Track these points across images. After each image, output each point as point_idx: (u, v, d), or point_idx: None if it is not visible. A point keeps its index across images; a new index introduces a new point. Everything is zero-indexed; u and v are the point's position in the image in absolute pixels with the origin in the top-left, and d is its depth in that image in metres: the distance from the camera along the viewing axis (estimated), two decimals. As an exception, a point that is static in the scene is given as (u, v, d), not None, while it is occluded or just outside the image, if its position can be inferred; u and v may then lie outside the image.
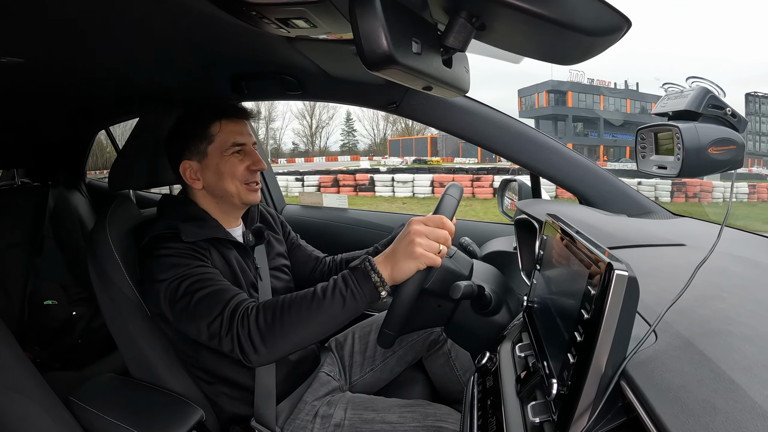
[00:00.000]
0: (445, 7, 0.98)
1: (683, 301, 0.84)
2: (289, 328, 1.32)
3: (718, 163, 1.06)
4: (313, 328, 1.33)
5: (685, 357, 0.78)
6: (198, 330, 1.39)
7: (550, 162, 1.95)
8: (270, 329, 1.31)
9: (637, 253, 1.38)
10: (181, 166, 1.64)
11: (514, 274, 1.88)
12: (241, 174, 1.63)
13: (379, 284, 1.32)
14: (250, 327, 1.32)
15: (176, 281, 1.42)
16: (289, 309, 1.32)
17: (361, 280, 1.32)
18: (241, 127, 1.66)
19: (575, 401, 0.79)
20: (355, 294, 1.31)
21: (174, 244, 1.48)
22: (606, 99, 57.51)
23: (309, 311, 1.32)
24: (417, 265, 1.32)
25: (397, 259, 1.32)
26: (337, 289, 1.32)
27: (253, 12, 1.18)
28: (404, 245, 1.32)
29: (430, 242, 1.32)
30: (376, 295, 1.32)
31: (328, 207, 3.18)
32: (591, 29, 0.87)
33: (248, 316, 1.33)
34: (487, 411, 1.19)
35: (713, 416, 0.63)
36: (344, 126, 71.17)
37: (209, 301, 1.38)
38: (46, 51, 1.45)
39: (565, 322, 0.94)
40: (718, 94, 1.09)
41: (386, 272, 1.33)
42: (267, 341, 1.31)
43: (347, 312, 1.33)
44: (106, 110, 2.85)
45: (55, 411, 1.38)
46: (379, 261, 1.34)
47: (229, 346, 1.34)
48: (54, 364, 2.80)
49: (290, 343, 1.34)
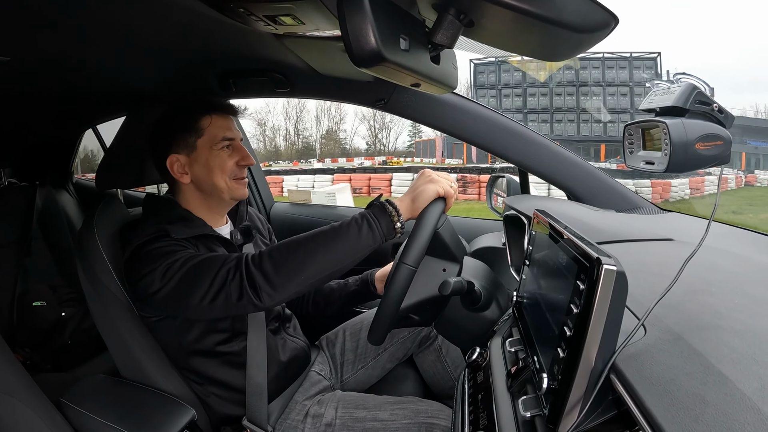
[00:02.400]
0: (434, 3, 0.99)
1: (672, 295, 0.85)
2: (304, 259, 1.33)
3: (705, 158, 1.07)
4: (328, 259, 1.34)
5: (675, 350, 0.79)
6: (202, 292, 1.36)
7: (539, 158, 1.95)
8: (284, 260, 1.32)
9: (625, 248, 1.39)
10: (169, 160, 1.61)
11: (504, 270, 1.88)
12: (230, 169, 1.62)
13: (395, 215, 1.36)
14: (264, 261, 1.33)
15: (171, 262, 1.40)
16: (305, 241, 1.35)
17: (378, 212, 1.37)
18: (230, 122, 1.65)
19: (566, 395, 0.80)
20: (372, 225, 1.35)
21: (163, 242, 1.46)
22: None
23: (325, 241, 1.34)
24: (437, 189, 1.40)
25: (417, 187, 1.41)
26: (353, 221, 1.35)
27: (240, 9, 1.18)
28: (422, 178, 1.43)
29: (444, 180, 1.41)
30: (391, 227, 1.37)
31: (317, 204, 3.18)
32: (579, 26, 0.88)
33: (259, 253, 1.35)
34: (479, 406, 1.19)
35: (703, 408, 0.64)
36: (410, 127, 71.19)
37: (210, 259, 1.39)
38: (32, 49, 1.44)
39: (554, 316, 0.95)
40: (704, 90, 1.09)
41: (404, 204, 1.39)
42: (281, 272, 1.31)
43: (363, 244, 1.35)
44: (93, 108, 2.83)
45: (46, 413, 1.37)
46: (396, 199, 1.41)
47: (237, 291, 1.33)
48: (44, 365, 2.79)
49: (305, 275, 1.33)
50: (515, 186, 2.22)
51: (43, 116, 2.74)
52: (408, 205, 1.39)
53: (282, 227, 3.09)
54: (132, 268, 1.47)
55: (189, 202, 1.66)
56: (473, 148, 28.60)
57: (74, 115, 2.88)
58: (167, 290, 1.40)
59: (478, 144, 2.01)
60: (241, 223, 1.80)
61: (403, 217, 1.38)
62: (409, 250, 1.36)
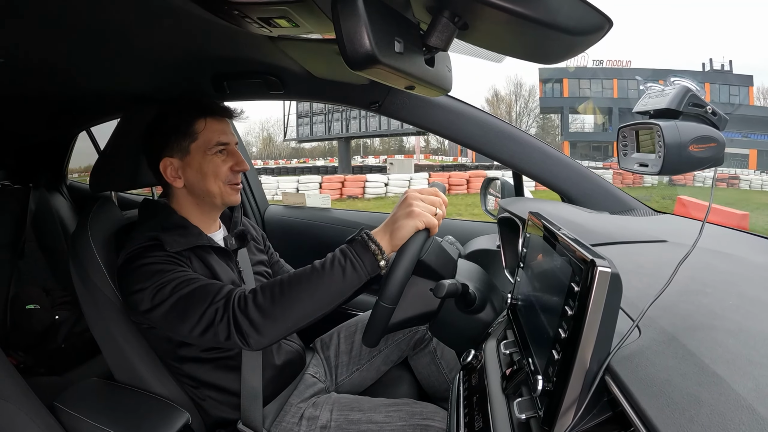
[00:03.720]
0: (428, 6, 0.99)
1: (666, 296, 0.85)
2: (290, 305, 1.31)
3: (699, 160, 1.07)
4: (314, 303, 1.33)
5: (669, 351, 0.79)
6: (190, 326, 1.36)
7: (533, 160, 1.96)
8: (270, 307, 1.30)
9: (619, 250, 1.39)
10: (162, 164, 1.60)
11: (498, 272, 1.89)
12: (224, 174, 1.60)
13: (378, 253, 1.33)
14: (249, 307, 1.31)
15: (161, 284, 1.39)
16: (289, 285, 1.32)
17: (360, 250, 1.33)
18: (225, 126, 1.63)
19: (561, 397, 0.80)
20: (354, 265, 1.32)
21: (155, 255, 1.45)
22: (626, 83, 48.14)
23: (309, 286, 1.31)
24: (416, 224, 1.33)
25: (395, 220, 1.34)
26: (336, 261, 1.33)
27: (235, 11, 1.18)
28: (402, 209, 1.35)
29: (427, 205, 1.35)
30: (375, 264, 1.34)
31: (311, 207, 3.18)
32: (573, 29, 0.88)
33: (245, 297, 1.33)
34: (474, 408, 1.19)
35: (698, 409, 0.64)
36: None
37: (200, 292, 1.37)
38: (26, 51, 1.43)
39: (549, 318, 0.95)
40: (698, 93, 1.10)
41: (385, 240, 1.34)
42: (268, 319, 1.30)
43: (348, 285, 1.33)
44: (86, 111, 2.82)
45: (40, 417, 1.36)
46: (376, 231, 1.36)
47: (225, 332, 1.32)
48: (38, 369, 2.78)
49: (291, 320, 1.32)
50: (509, 188, 2.22)
51: (36, 118, 2.73)
52: (387, 242, 1.35)
53: (276, 230, 3.09)
54: (123, 279, 1.48)
55: (182, 207, 1.65)
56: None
57: (68, 117, 2.88)
58: (157, 314, 1.41)
59: (472, 146, 2.02)
60: (235, 228, 1.79)
61: (386, 253, 1.35)
62: (384, 289, 1.35)
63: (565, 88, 48.84)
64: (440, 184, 1.56)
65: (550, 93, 49.67)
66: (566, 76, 47.39)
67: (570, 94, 48.80)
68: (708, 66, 43.56)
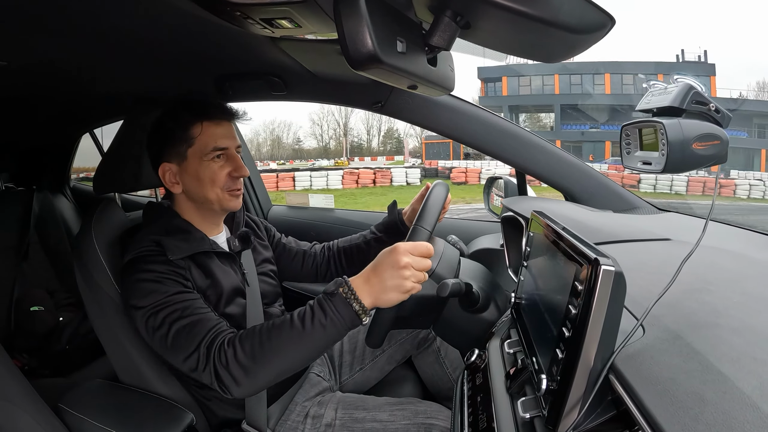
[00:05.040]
0: (430, 6, 0.99)
1: (670, 294, 0.85)
2: (269, 360, 1.30)
3: (702, 158, 1.07)
4: (294, 358, 1.32)
5: (674, 350, 0.79)
6: (176, 362, 1.39)
7: (536, 159, 1.96)
8: (249, 362, 1.29)
9: (623, 249, 1.39)
10: (161, 169, 1.58)
11: (502, 271, 1.88)
12: (222, 181, 1.57)
13: (361, 312, 1.29)
14: (228, 361, 1.30)
15: (154, 310, 1.39)
16: (269, 341, 1.31)
17: (341, 308, 1.29)
18: (223, 129, 1.59)
19: (565, 396, 0.80)
20: (335, 323, 1.29)
21: (155, 266, 1.44)
22: (569, 78, 44.69)
23: (289, 342, 1.30)
24: (403, 297, 1.30)
25: (384, 289, 1.29)
26: (316, 319, 1.29)
27: (237, 12, 1.18)
28: (392, 276, 1.28)
29: (418, 273, 1.30)
30: (357, 321, 1.30)
31: (315, 207, 3.18)
32: (575, 27, 0.88)
33: (225, 350, 1.31)
34: (478, 408, 1.19)
35: (702, 407, 0.64)
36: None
37: (186, 334, 1.36)
38: (30, 53, 1.44)
39: (553, 317, 0.95)
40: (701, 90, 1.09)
41: (368, 299, 1.29)
42: (247, 374, 1.29)
43: (327, 340, 1.31)
44: (90, 113, 2.84)
45: (44, 418, 1.37)
46: (359, 286, 1.30)
47: (208, 379, 1.32)
48: (42, 370, 2.78)
49: (271, 375, 1.32)
50: (512, 187, 2.22)
51: (40, 120, 2.74)
52: (371, 302, 1.30)
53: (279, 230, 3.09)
54: (124, 285, 1.49)
55: (184, 211, 1.63)
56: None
57: (71, 119, 2.89)
58: (147, 336, 1.43)
59: (475, 145, 2.01)
60: (238, 229, 1.78)
61: (368, 310, 1.30)
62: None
63: (504, 86, 46.73)
64: (443, 184, 1.56)
65: (492, 92, 48.11)
66: (506, 74, 45.96)
67: (509, 92, 46.55)
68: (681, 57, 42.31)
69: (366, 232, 1.97)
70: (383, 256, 1.31)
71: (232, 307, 1.59)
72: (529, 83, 44.69)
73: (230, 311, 1.58)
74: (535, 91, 44.47)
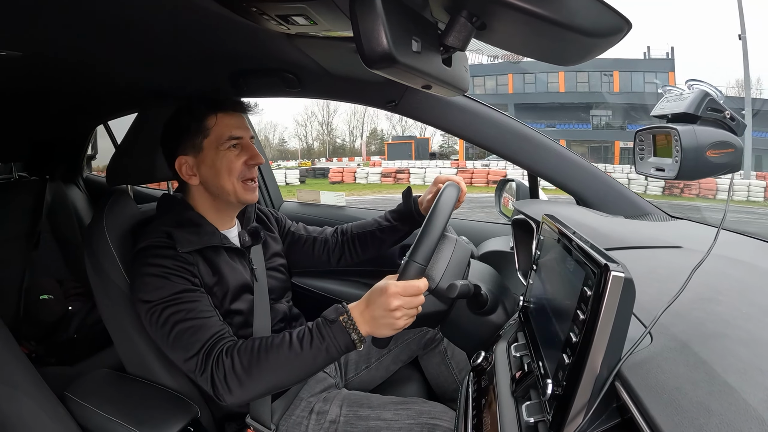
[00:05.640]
0: (446, 6, 0.98)
1: (679, 303, 0.85)
2: (264, 376, 1.33)
3: (716, 166, 1.06)
4: (287, 377, 1.35)
5: (681, 359, 0.78)
6: (176, 360, 1.42)
7: (548, 162, 1.95)
8: (244, 375, 1.32)
9: (633, 255, 1.38)
10: (177, 162, 1.60)
11: (511, 274, 1.88)
12: (238, 169, 1.59)
13: (357, 342, 1.33)
14: (225, 371, 1.33)
15: (159, 306, 1.41)
16: (266, 358, 1.33)
17: (339, 336, 1.32)
18: (237, 120, 1.62)
19: (570, 402, 0.80)
20: (331, 349, 1.32)
21: (163, 260, 1.46)
22: (522, 77, 41.62)
23: (285, 361, 1.33)
24: (397, 332, 1.33)
25: (377, 325, 1.32)
26: (314, 343, 1.32)
27: (253, 8, 1.18)
28: (383, 316, 1.30)
29: (410, 311, 1.31)
30: (353, 348, 1.34)
31: (325, 204, 3.17)
32: (591, 30, 0.87)
33: (224, 360, 1.34)
34: (482, 410, 1.19)
35: (707, 418, 0.63)
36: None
37: (188, 338, 1.38)
38: (45, 46, 1.44)
39: (560, 322, 0.95)
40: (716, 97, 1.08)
41: (364, 329, 1.32)
42: (241, 386, 1.32)
43: (322, 363, 1.35)
44: (104, 105, 2.85)
45: (50, 406, 1.38)
46: (356, 316, 1.33)
47: (204, 384, 1.36)
48: (49, 359, 2.81)
49: (263, 390, 1.36)
50: (524, 190, 2.21)
51: (54, 112, 2.75)
52: (367, 331, 1.33)
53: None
54: (132, 275, 1.52)
55: (198, 204, 1.65)
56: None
57: (85, 111, 2.90)
58: (150, 330, 1.46)
59: (488, 147, 2.01)
60: (249, 224, 1.79)
61: (364, 338, 1.34)
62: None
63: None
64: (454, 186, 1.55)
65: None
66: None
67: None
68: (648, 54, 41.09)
69: (381, 218, 1.98)
70: (374, 295, 1.33)
71: (239, 303, 1.61)
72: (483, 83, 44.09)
73: (237, 307, 1.60)
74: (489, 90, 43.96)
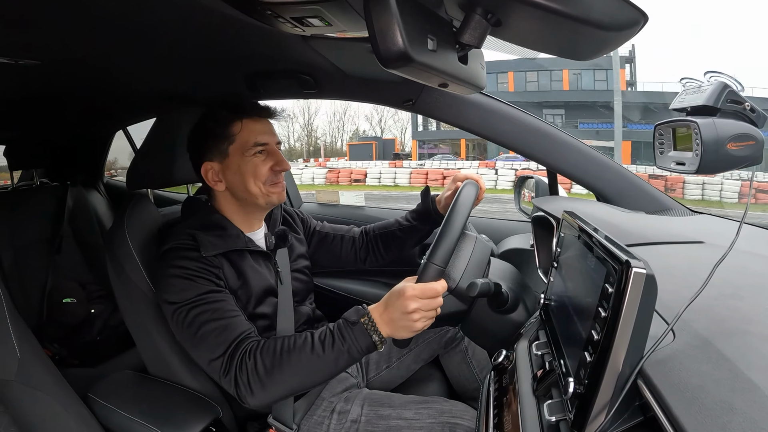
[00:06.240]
0: (461, 3, 0.98)
1: (701, 299, 0.83)
2: (286, 379, 1.34)
3: (737, 159, 1.05)
4: (309, 379, 1.36)
5: (703, 356, 0.78)
6: (200, 362, 1.44)
7: (567, 158, 1.93)
8: (266, 377, 1.33)
9: (655, 251, 1.36)
10: (203, 168, 1.62)
11: (531, 272, 1.87)
12: (265, 175, 1.59)
13: (379, 343, 1.33)
14: (248, 373, 1.34)
15: (185, 307, 1.43)
16: (288, 360, 1.34)
17: (361, 338, 1.33)
18: (262, 125, 1.62)
19: (592, 400, 0.79)
20: (353, 350, 1.33)
21: (188, 262, 1.48)
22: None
23: (307, 363, 1.34)
24: (416, 334, 1.34)
25: (395, 327, 1.32)
26: (336, 345, 1.33)
27: (268, 11, 1.18)
28: (401, 319, 1.31)
29: (428, 313, 1.32)
30: (374, 350, 1.35)
31: (345, 205, 3.17)
32: (607, 24, 0.86)
33: (246, 362, 1.35)
34: (503, 409, 1.19)
35: (731, 416, 0.63)
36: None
37: (214, 338, 1.40)
38: (63, 53, 1.46)
39: (582, 320, 0.94)
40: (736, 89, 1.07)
41: (385, 330, 1.33)
42: (263, 389, 1.34)
43: (344, 365, 1.36)
44: (123, 110, 2.88)
45: (73, 407, 1.40)
46: (377, 318, 1.34)
47: (228, 386, 1.37)
48: (72, 360, 2.84)
49: (286, 391, 1.37)
50: (544, 187, 2.20)
51: (73, 118, 2.79)
52: (387, 333, 1.34)
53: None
54: (156, 277, 1.54)
55: (224, 207, 1.66)
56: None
57: (105, 116, 2.94)
58: (177, 332, 1.48)
59: (506, 144, 1.99)
60: (275, 226, 1.80)
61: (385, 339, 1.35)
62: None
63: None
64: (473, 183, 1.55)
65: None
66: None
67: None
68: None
69: (401, 219, 1.98)
70: (392, 298, 1.33)
71: (263, 306, 1.62)
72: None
73: (261, 311, 1.61)
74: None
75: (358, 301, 1.45)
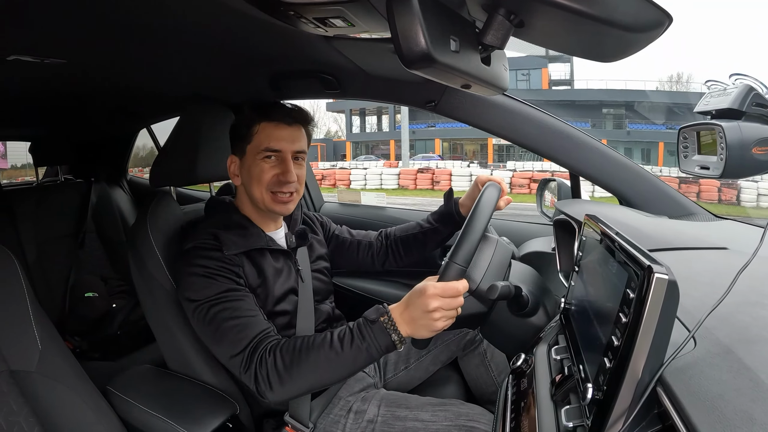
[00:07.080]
0: (483, 4, 0.97)
1: (724, 306, 0.82)
2: (305, 375, 1.35)
3: (763, 163, 1.03)
4: (327, 377, 1.37)
5: (724, 365, 0.76)
6: (221, 358, 1.47)
7: (590, 161, 1.92)
8: (286, 374, 1.34)
9: (677, 257, 1.35)
10: (229, 159, 1.68)
11: (552, 276, 1.85)
12: (268, 181, 1.60)
13: (398, 342, 1.33)
14: (268, 369, 1.36)
15: (206, 305, 1.45)
16: (307, 356, 1.35)
17: (380, 336, 1.32)
18: (282, 131, 1.62)
19: (610, 407, 0.78)
20: (372, 349, 1.33)
21: (209, 261, 1.50)
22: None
23: (326, 360, 1.34)
24: (436, 333, 1.33)
25: (416, 327, 1.31)
26: (354, 343, 1.33)
27: (291, 12, 1.18)
28: (422, 317, 1.30)
29: (449, 312, 1.31)
30: (393, 349, 1.34)
31: (366, 205, 3.17)
32: (631, 25, 0.85)
33: (266, 359, 1.37)
34: (521, 413, 1.18)
35: (750, 427, 0.62)
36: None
37: (234, 335, 1.41)
38: (88, 52, 1.48)
39: (602, 325, 0.93)
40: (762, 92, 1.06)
41: (405, 330, 1.32)
42: (282, 384, 1.35)
43: (363, 363, 1.36)
44: (147, 109, 2.91)
45: (92, 399, 1.42)
46: (397, 317, 1.33)
47: (248, 381, 1.39)
48: (93, 354, 2.89)
49: (303, 388, 1.38)
50: (566, 190, 2.18)
51: (98, 116, 2.84)
52: (407, 333, 1.33)
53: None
54: (178, 275, 1.56)
55: (243, 206, 1.70)
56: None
57: (129, 115, 2.97)
58: (198, 329, 1.51)
59: (529, 146, 1.98)
60: (296, 226, 1.82)
61: (405, 339, 1.35)
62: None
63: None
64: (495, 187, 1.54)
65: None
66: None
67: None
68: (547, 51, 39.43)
69: (423, 221, 1.98)
70: (414, 297, 1.32)
71: (284, 304, 1.64)
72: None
73: (281, 308, 1.63)
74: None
75: (378, 301, 1.45)
